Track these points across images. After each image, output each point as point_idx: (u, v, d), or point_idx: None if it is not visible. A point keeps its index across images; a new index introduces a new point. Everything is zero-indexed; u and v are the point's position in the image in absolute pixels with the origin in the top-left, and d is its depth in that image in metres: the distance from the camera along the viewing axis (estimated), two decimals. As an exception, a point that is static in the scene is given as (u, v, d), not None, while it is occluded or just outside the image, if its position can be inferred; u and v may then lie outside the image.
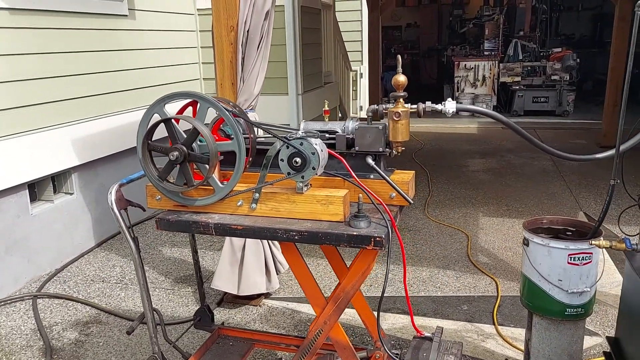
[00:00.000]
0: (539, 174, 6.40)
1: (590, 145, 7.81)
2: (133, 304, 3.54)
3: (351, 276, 1.89)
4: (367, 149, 1.95)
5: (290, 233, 1.77)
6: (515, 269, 3.84)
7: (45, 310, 3.50)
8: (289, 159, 1.80)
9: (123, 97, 4.90)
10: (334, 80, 7.95)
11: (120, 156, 4.83)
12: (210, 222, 1.85)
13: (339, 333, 1.97)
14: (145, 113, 1.87)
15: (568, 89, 10.56)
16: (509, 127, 2.00)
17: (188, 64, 6.06)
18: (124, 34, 4.92)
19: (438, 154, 7.65)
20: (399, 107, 1.83)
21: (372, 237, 1.70)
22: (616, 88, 7.52)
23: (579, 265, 2.17)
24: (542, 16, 12.58)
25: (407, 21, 16.09)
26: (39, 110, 3.98)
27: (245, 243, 3.28)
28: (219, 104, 1.81)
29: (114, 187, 2.04)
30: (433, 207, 5.28)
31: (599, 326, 3.08)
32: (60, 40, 4.18)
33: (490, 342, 2.94)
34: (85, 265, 4.20)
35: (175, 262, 4.18)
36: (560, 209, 5.10)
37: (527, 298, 2.35)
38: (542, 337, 2.32)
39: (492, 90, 11.35)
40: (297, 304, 3.44)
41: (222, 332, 2.60)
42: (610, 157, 2.08)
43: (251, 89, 3.07)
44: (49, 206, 4.16)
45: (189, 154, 1.82)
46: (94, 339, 3.14)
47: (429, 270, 3.89)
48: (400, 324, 3.15)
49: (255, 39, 3.00)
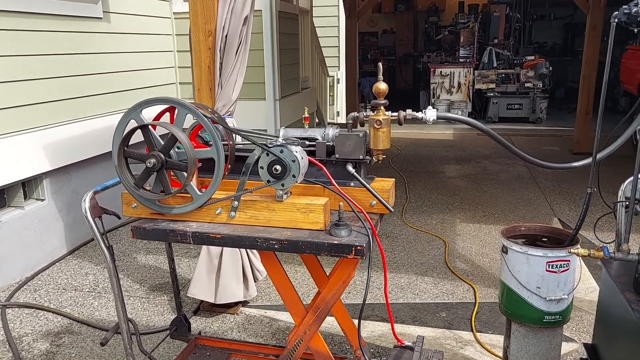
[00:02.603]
0: (514, 180, 6.47)
1: (563, 152, 7.94)
2: (107, 313, 3.45)
3: (331, 285, 1.88)
4: (348, 157, 1.94)
5: (270, 242, 1.74)
6: (493, 276, 3.87)
7: (15, 320, 3.39)
8: (269, 167, 1.77)
9: (97, 100, 4.81)
10: (311, 85, 7.94)
11: (93, 161, 4.73)
12: (188, 230, 1.81)
13: (319, 343, 1.95)
14: (121, 119, 1.82)
15: (541, 97, 10.74)
16: (487, 134, 2.01)
17: (164, 68, 5.98)
18: (98, 37, 4.83)
19: (415, 160, 7.69)
20: (380, 114, 1.82)
21: (353, 245, 1.68)
22: (588, 96, 7.67)
23: (557, 272, 2.19)
24: (515, 24, 12.78)
25: (383, 27, 16.20)
26: (8, 114, 3.87)
27: (223, 250, 3.23)
28: (198, 111, 1.77)
29: (88, 195, 1.99)
30: (410, 213, 5.29)
31: (575, 332, 3.11)
32: (32, 42, 4.07)
33: (468, 349, 2.94)
34: (57, 273, 4.09)
35: (150, 269, 4.11)
36: (536, 216, 5.16)
37: (505, 305, 2.36)
38: (521, 344, 2.33)
39: (467, 97, 11.48)
40: (275, 312, 3.40)
41: (199, 342, 2.56)
42: (586, 165, 2.11)
43: (229, 95, 3.03)
44: (18, 213, 4.04)
45: (166, 161, 1.78)
46: (66, 349, 3.05)
47: (407, 276, 3.89)
48: (379, 332, 3.14)
49: (234, 45, 2.96)
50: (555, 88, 12.40)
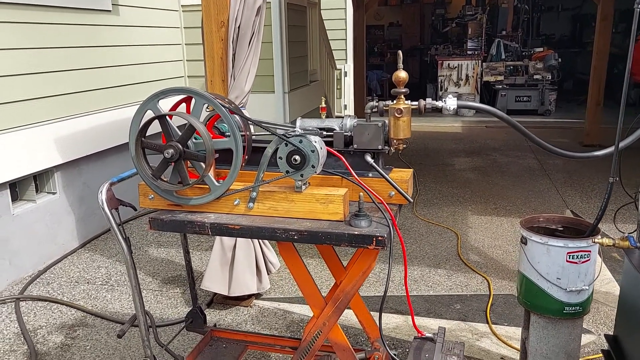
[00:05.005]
0: (524, 172, 6.43)
1: (573, 144, 7.88)
2: (120, 306, 3.45)
3: (351, 276, 1.86)
4: (366, 147, 1.92)
5: (289, 233, 1.73)
6: (506, 267, 3.84)
7: (29, 313, 3.39)
8: (288, 157, 1.75)
9: (105, 94, 4.79)
10: (319, 78, 7.91)
11: (103, 155, 4.73)
12: (206, 221, 1.79)
13: (339, 334, 1.93)
14: (138, 109, 1.80)
15: (550, 88, 10.66)
16: (509, 124, 1.98)
17: (172, 61, 5.96)
18: (107, 30, 4.82)
19: (424, 153, 7.66)
20: (400, 103, 1.80)
21: (374, 236, 1.66)
22: (599, 87, 7.60)
23: (578, 263, 2.16)
24: (523, 16, 12.69)
25: (389, 20, 16.11)
26: (19, 107, 3.86)
27: (236, 243, 3.22)
28: (216, 101, 1.75)
29: (105, 186, 1.97)
30: (421, 206, 5.26)
31: (591, 324, 3.08)
32: (41, 35, 4.06)
33: (485, 341, 2.92)
34: (69, 266, 4.09)
35: (162, 262, 4.10)
36: (548, 207, 5.12)
37: (524, 297, 2.33)
38: (540, 336, 2.30)
39: (475, 89, 11.42)
40: (289, 304, 3.39)
41: (214, 334, 2.54)
42: (609, 154, 2.08)
43: (242, 86, 3.01)
44: (31, 206, 4.04)
45: (184, 151, 1.76)
46: (81, 342, 3.05)
47: (420, 269, 3.86)
48: (393, 324, 3.12)
49: (247, 35, 2.94)
50: (564, 80, 12.31)
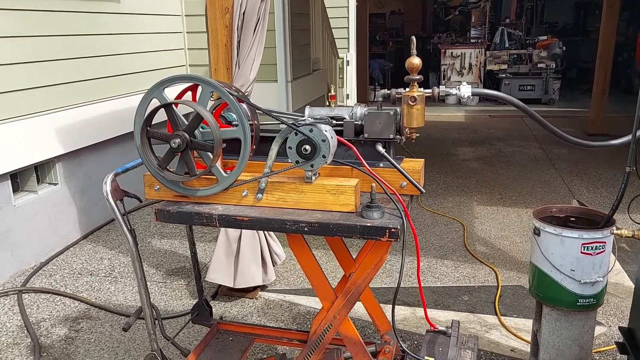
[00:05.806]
0: (529, 162, 6.37)
1: (578, 133, 7.80)
2: (124, 298, 3.42)
3: (362, 269, 1.81)
4: (377, 136, 1.86)
5: (299, 224, 1.68)
6: (514, 258, 3.80)
7: (32, 305, 3.36)
8: (298, 147, 1.70)
9: (106, 83, 4.73)
10: (322, 67, 7.82)
11: (104, 145, 4.67)
12: (214, 213, 1.74)
13: (349, 328, 1.89)
14: (143, 98, 1.74)
15: (554, 77, 10.58)
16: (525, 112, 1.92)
17: (174, 49, 5.89)
18: (108, 18, 4.74)
19: (427, 143, 7.60)
20: (414, 91, 1.74)
21: (387, 228, 1.61)
22: (604, 75, 7.52)
23: (592, 254, 2.12)
24: (527, 3, 12.58)
25: (391, 8, 15.97)
26: (19, 97, 3.80)
27: (241, 234, 3.17)
28: (224, 89, 1.69)
29: (109, 177, 1.92)
30: (426, 196, 5.22)
31: (602, 316, 3.04)
32: (43, 23, 3.99)
33: (494, 333, 2.89)
34: (72, 258, 4.06)
35: (165, 254, 4.06)
36: (554, 197, 5.07)
37: (537, 288, 2.29)
38: (553, 328, 2.27)
39: (478, 78, 11.33)
40: (295, 296, 3.36)
41: (221, 327, 2.50)
42: (625, 143, 2.02)
43: (247, 75, 2.95)
44: (32, 197, 4.00)
45: (191, 141, 1.70)
46: (85, 335, 3.02)
47: (427, 260, 3.82)
48: (401, 316, 3.09)
49: (252, 22, 2.87)
50: (567, 69, 12.21)
